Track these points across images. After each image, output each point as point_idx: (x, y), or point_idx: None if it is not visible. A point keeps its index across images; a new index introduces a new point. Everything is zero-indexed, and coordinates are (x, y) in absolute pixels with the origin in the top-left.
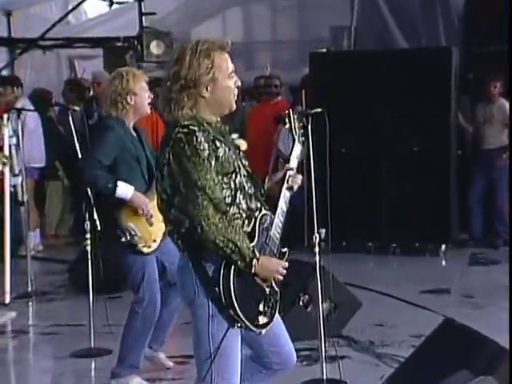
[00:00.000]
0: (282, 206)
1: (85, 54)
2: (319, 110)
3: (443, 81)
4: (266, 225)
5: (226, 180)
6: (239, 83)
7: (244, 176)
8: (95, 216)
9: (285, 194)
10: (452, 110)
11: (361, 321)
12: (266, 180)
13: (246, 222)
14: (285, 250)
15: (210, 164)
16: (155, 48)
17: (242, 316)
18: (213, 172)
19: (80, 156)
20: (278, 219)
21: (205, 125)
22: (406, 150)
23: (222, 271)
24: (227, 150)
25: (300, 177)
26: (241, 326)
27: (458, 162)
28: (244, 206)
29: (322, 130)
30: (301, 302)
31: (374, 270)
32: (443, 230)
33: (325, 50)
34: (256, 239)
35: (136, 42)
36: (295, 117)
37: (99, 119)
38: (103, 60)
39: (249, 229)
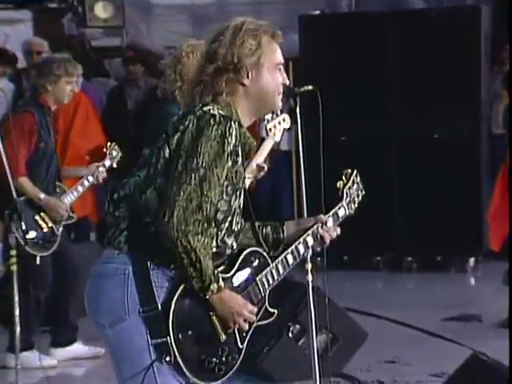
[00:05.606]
0: (288, 256)
1: (7, 18)
2: (310, 87)
3: (471, 49)
4: (256, 263)
5: (229, 191)
6: (287, 82)
7: (239, 206)
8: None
9: (297, 246)
10: (482, 86)
11: (367, 356)
12: (289, 226)
13: (215, 253)
14: (273, 310)
15: (227, 163)
16: (101, 10)
17: (174, 348)
18: (224, 172)
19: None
20: (275, 268)
21: (236, 124)
22: (423, 137)
23: (167, 283)
24: (243, 164)
25: (337, 232)
26: (170, 362)
27: (492, 152)
28: (221, 236)
29: (313, 113)
30: (290, 334)
31: (383, 292)
32: (472, 240)
33: (318, 11)
34: (231, 273)
35: (76, 3)
36: (358, 180)
37: None
38: (33, 25)
39: (218, 261)
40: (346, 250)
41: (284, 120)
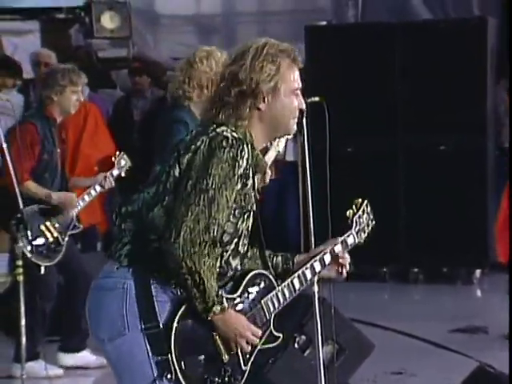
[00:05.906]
0: (295, 281)
1: (15, 29)
2: (317, 98)
3: (477, 60)
4: (262, 286)
5: (237, 214)
6: (304, 106)
7: (247, 229)
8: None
9: (305, 271)
10: (488, 98)
11: (373, 368)
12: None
13: (218, 274)
14: (278, 334)
15: (236, 185)
16: (108, 21)
17: (176, 366)
18: (233, 194)
19: None
20: (281, 292)
21: (249, 147)
22: (429, 148)
23: (169, 300)
24: (254, 187)
25: (347, 260)
26: (171, 379)
27: (497, 164)
28: (226, 257)
29: (320, 124)
30: (296, 345)
31: (389, 303)
32: (478, 252)
33: (325, 22)
34: (236, 294)
35: (83, 14)
36: (368, 210)
37: None
38: (40, 36)
39: (220, 282)
40: (352, 261)
41: None
